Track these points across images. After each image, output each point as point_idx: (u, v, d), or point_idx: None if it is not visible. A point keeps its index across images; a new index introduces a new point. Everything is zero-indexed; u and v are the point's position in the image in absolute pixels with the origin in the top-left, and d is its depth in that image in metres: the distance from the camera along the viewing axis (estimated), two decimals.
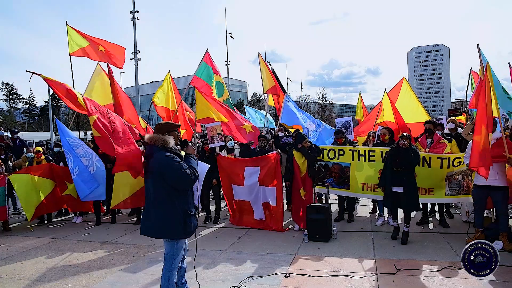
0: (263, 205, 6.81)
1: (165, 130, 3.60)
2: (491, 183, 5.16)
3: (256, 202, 6.84)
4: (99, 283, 4.59)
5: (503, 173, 5.16)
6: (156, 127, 3.66)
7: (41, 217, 7.90)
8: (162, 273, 3.68)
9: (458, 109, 10.11)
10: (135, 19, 22.41)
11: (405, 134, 5.82)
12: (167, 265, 3.64)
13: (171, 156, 3.45)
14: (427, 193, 6.32)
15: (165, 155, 3.44)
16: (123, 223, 7.77)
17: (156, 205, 3.52)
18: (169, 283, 3.64)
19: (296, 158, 6.54)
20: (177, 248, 3.62)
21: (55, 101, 47.93)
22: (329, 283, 4.34)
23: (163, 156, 3.43)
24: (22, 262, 5.47)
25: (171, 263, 3.64)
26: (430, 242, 5.73)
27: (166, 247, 3.67)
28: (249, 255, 5.43)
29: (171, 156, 3.45)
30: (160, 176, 3.44)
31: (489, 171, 4.91)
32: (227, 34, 32.26)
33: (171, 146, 3.53)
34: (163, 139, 3.49)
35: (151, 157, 3.51)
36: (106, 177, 7.44)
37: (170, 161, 3.41)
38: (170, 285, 3.66)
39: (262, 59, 8.61)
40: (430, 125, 6.49)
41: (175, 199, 3.49)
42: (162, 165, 3.41)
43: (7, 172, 7.66)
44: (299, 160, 6.53)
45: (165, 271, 3.66)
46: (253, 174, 6.77)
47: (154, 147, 3.51)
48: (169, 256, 3.63)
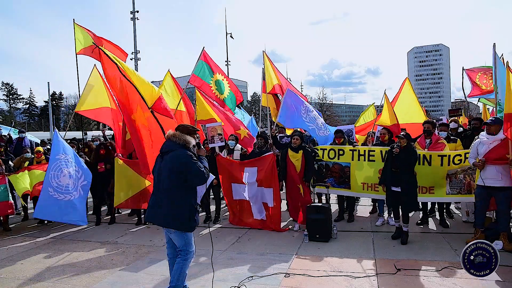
0: (264, 205, 6.82)
1: (186, 131, 3.87)
2: (494, 184, 5.15)
3: (256, 202, 6.84)
4: (99, 283, 4.59)
5: (507, 173, 5.13)
6: (179, 127, 3.92)
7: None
8: (176, 263, 3.83)
9: (459, 109, 10.15)
10: (135, 19, 22.45)
11: (402, 134, 5.79)
12: (183, 255, 3.83)
13: (191, 155, 3.74)
14: (427, 191, 6.32)
15: (186, 153, 3.72)
16: (123, 223, 7.77)
17: (169, 197, 3.72)
18: (181, 272, 3.80)
19: (291, 157, 6.56)
20: (187, 238, 3.83)
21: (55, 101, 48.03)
22: (329, 283, 4.34)
23: (184, 154, 3.71)
24: (22, 262, 5.47)
25: (186, 253, 3.83)
26: (430, 242, 5.73)
27: (177, 240, 3.83)
28: (249, 255, 5.43)
29: (190, 155, 3.74)
30: (178, 172, 3.68)
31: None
32: (227, 34, 32.28)
33: (191, 146, 3.82)
34: (186, 138, 3.79)
35: (170, 152, 3.76)
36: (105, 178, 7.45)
37: (190, 159, 3.70)
38: (182, 275, 3.81)
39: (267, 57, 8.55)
40: (429, 125, 6.48)
41: (186, 194, 3.76)
42: (182, 161, 3.68)
43: (7, 172, 7.65)
44: (292, 158, 6.55)
45: (180, 260, 3.82)
46: (252, 175, 6.78)
47: (175, 144, 3.77)
48: (183, 246, 3.82)
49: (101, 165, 7.57)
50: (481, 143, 5.35)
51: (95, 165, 7.60)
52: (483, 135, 5.43)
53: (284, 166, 6.66)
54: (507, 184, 5.11)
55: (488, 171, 5.19)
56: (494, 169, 5.15)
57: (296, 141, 6.60)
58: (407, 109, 8.56)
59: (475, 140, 5.65)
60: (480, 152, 5.33)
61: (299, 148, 6.58)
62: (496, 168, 5.13)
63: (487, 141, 5.28)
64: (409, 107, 8.65)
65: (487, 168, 5.20)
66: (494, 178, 5.14)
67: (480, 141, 5.40)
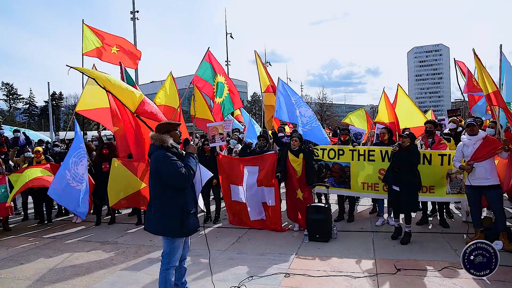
0: (263, 205, 6.78)
1: (164, 130, 3.70)
2: (483, 183, 5.19)
3: (253, 203, 6.78)
4: (99, 283, 4.59)
5: (494, 171, 5.20)
6: (156, 127, 3.76)
7: (41, 217, 7.92)
8: (159, 272, 3.70)
9: (458, 109, 10.15)
10: (135, 19, 22.39)
11: (405, 134, 5.79)
12: (164, 264, 3.68)
13: (166, 155, 3.56)
14: (428, 191, 6.33)
15: (161, 153, 3.57)
16: (123, 223, 7.77)
17: (154, 202, 3.65)
18: (166, 282, 3.66)
19: (291, 161, 6.53)
20: (173, 247, 3.65)
21: (55, 101, 48.00)
22: (329, 283, 4.34)
23: (160, 154, 3.57)
24: (22, 262, 5.47)
25: (167, 262, 3.68)
26: (430, 242, 5.73)
27: (164, 245, 3.71)
28: (249, 255, 5.43)
29: (166, 154, 3.56)
30: (156, 174, 3.59)
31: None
32: (227, 34, 32.25)
33: (169, 145, 3.64)
34: (161, 138, 3.62)
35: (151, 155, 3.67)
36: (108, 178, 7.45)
37: (164, 159, 3.54)
38: (168, 284, 3.66)
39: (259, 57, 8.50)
40: (431, 125, 6.49)
41: (172, 197, 3.58)
42: (157, 163, 3.56)
43: (8, 172, 7.65)
44: (293, 162, 6.52)
45: (162, 270, 3.69)
46: (253, 174, 6.75)
47: (154, 146, 3.67)
48: (166, 254, 3.68)
49: (105, 165, 7.57)
50: (465, 146, 5.39)
51: (99, 164, 7.61)
52: (464, 137, 5.48)
53: (285, 169, 6.61)
54: (496, 182, 5.16)
55: (477, 170, 5.22)
56: (482, 169, 5.18)
57: (295, 143, 6.56)
58: (405, 115, 8.66)
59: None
60: (466, 154, 5.37)
61: (299, 151, 6.53)
62: (485, 168, 5.17)
63: (470, 142, 5.32)
64: (407, 113, 8.74)
65: (476, 167, 5.22)
66: (483, 177, 5.18)
67: (463, 144, 5.44)
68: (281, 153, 6.79)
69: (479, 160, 5.19)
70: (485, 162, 5.17)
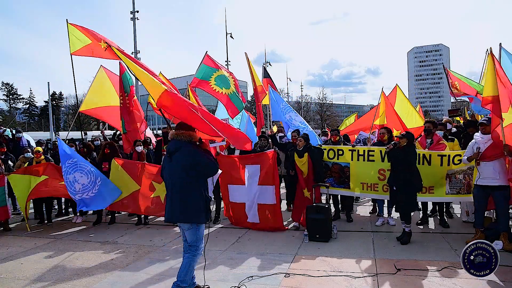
0: (258, 207, 6.70)
1: (188, 127, 3.97)
2: (492, 183, 5.17)
3: (251, 205, 6.75)
4: (99, 283, 4.59)
5: (504, 172, 5.16)
6: (179, 124, 4.03)
7: (41, 217, 7.91)
8: (184, 258, 3.92)
9: (458, 109, 10.15)
10: (135, 19, 22.42)
11: (402, 134, 5.77)
12: (193, 251, 3.92)
13: (199, 148, 3.92)
14: (427, 191, 6.32)
15: (194, 147, 3.88)
16: (123, 223, 7.77)
17: (184, 193, 3.82)
18: (189, 267, 3.89)
19: (297, 161, 6.52)
20: (200, 233, 3.94)
21: (55, 101, 48.00)
22: (329, 283, 4.34)
23: (193, 149, 3.86)
24: (22, 262, 5.47)
25: (196, 249, 3.93)
26: (430, 242, 5.73)
27: (189, 236, 3.91)
28: (249, 255, 5.43)
29: (197, 149, 3.90)
30: (190, 166, 3.78)
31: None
32: (227, 34, 32.34)
33: (197, 140, 3.96)
34: (190, 134, 3.91)
35: (178, 150, 3.83)
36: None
37: (199, 152, 3.87)
38: (190, 270, 3.90)
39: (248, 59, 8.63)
40: (430, 125, 6.48)
41: (201, 187, 3.88)
42: (193, 156, 3.80)
43: (7, 172, 7.64)
44: (298, 162, 6.52)
45: (189, 256, 3.91)
46: (254, 173, 6.74)
47: (181, 142, 3.86)
48: (194, 241, 3.92)
49: (105, 165, 7.56)
50: (477, 143, 5.42)
51: (99, 164, 7.61)
52: (477, 135, 5.49)
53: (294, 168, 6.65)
54: (504, 183, 5.14)
55: (486, 170, 5.21)
56: (491, 168, 5.17)
57: (299, 143, 6.56)
58: (405, 116, 8.63)
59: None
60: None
61: (304, 151, 6.53)
62: (494, 167, 5.16)
63: (482, 141, 5.35)
64: (405, 114, 8.72)
65: (485, 167, 5.23)
66: (491, 177, 5.17)
67: (475, 141, 5.47)
68: (290, 152, 6.84)
69: (487, 160, 5.20)
70: (494, 162, 5.17)
